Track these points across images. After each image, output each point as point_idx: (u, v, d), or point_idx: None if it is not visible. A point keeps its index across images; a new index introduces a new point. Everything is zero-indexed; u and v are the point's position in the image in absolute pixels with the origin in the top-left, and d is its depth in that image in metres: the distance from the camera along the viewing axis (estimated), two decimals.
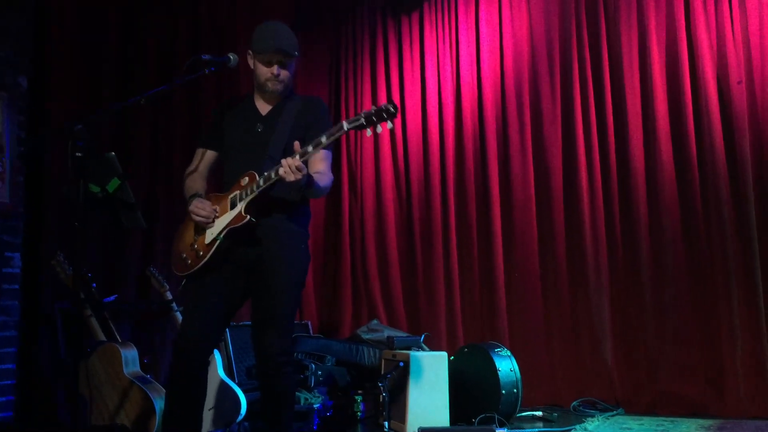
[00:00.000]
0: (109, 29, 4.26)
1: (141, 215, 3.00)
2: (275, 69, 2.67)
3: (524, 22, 4.73)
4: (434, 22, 5.13)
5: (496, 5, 4.84)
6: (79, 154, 2.35)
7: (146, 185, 4.33)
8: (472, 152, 4.84)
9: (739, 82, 3.93)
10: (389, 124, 2.34)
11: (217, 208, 2.60)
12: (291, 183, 2.42)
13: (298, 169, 2.38)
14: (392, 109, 2.32)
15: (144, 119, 4.36)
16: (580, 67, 4.48)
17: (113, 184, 2.83)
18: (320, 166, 2.64)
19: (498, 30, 4.82)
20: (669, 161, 4.13)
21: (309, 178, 2.49)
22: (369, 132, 2.37)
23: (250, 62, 2.73)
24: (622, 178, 4.31)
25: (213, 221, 2.58)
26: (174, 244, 2.72)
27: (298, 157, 2.40)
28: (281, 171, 2.40)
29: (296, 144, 2.44)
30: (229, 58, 2.70)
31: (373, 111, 2.34)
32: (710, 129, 3.98)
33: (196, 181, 2.76)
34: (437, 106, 5.04)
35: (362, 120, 2.35)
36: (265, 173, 2.51)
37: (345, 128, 2.37)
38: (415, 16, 5.24)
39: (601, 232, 4.32)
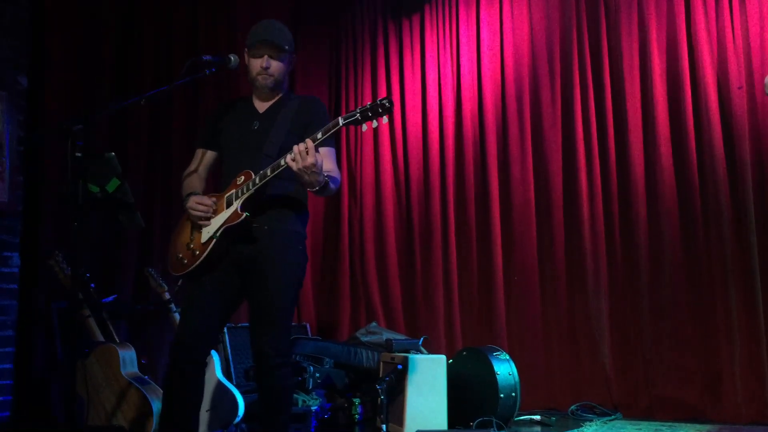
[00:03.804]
0: (108, 28, 4.25)
1: (140, 215, 2.99)
2: (264, 61, 2.66)
3: (525, 25, 4.73)
4: (435, 24, 5.13)
5: (497, 8, 4.84)
6: (79, 154, 2.35)
7: (144, 186, 4.32)
8: (471, 155, 4.84)
9: (739, 87, 3.93)
10: (384, 119, 2.34)
11: (215, 203, 2.59)
12: (306, 182, 2.41)
13: (308, 154, 2.35)
14: (387, 104, 2.32)
15: (143, 119, 4.35)
16: (581, 71, 4.48)
17: (113, 184, 2.82)
18: (328, 164, 2.59)
19: (499, 33, 4.82)
20: (669, 165, 4.13)
21: (325, 178, 2.47)
22: (365, 127, 2.37)
23: (246, 61, 2.73)
24: (622, 181, 4.31)
25: (209, 219, 2.57)
26: (170, 245, 2.71)
27: (303, 146, 2.36)
28: (288, 158, 2.38)
29: (300, 145, 2.40)
30: (230, 59, 2.70)
31: (368, 106, 2.34)
32: (710, 134, 3.98)
33: (194, 182, 2.75)
34: (437, 108, 5.04)
35: (357, 115, 2.35)
36: (261, 171, 2.50)
37: (341, 123, 2.37)
38: (416, 19, 5.24)
39: (601, 236, 4.32)
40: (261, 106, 2.75)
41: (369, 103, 2.35)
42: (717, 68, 4.03)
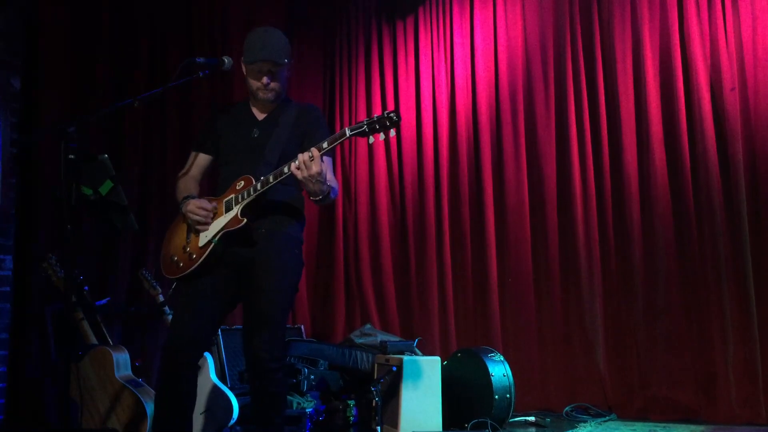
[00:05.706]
0: (102, 30, 4.24)
1: (133, 218, 2.99)
2: (265, 79, 2.67)
3: (519, 27, 4.74)
4: (429, 26, 5.14)
5: (491, 11, 4.86)
6: (72, 157, 2.34)
7: (138, 188, 4.31)
8: (466, 157, 4.85)
9: (732, 89, 3.94)
10: (391, 133, 2.35)
11: (215, 208, 2.59)
12: (310, 190, 2.42)
13: (312, 163, 2.36)
14: (395, 118, 2.33)
15: (137, 121, 4.34)
16: (574, 73, 4.49)
17: (106, 186, 2.81)
18: (327, 174, 2.57)
19: (492, 35, 4.84)
20: (662, 167, 4.14)
21: (329, 187, 2.48)
22: (371, 139, 2.38)
23: (244, 71, 2.73)
24: (616, 183, 4.32)
25: (209, 224, 2.57)
26: (164, 247, 2.70)
27: (308, 155, 2.38)
28: (293, 166, 2.40)
29: (305, 154, 2.41)
30: (223, 61, 2.70)
31: (375, 119, 2.35)
32: (703, 135, 3.99)
33: (188, 184, 2.75)
34: (431, 110, 5.05)
35: (365, 127, 2.36)
36: (263, 177, 2.50)
37: (347, 134, 2.38)
38: (410, 21, 5.25)
39: (594, 238, 4.33)
40: (260, 113, 2.77)
41: (376, 115, 2.36)
42: (710, 70, 4.04)
